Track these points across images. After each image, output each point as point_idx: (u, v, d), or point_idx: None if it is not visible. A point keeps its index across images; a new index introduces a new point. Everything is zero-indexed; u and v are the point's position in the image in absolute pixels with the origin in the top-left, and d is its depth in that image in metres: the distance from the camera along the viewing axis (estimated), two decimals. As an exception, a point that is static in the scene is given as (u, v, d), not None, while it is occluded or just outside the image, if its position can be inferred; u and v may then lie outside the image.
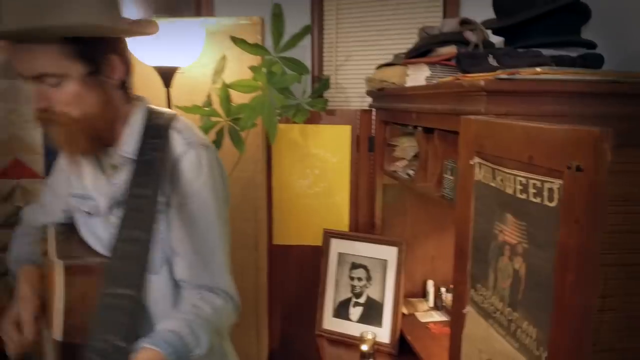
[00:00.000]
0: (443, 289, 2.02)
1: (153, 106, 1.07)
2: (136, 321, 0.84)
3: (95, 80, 0.93)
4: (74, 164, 1.06)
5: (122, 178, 1.01)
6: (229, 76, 1.90)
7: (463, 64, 1.26)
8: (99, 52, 0.93)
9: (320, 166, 2.09)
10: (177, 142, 1.00)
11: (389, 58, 2.21)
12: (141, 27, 1.00)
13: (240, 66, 1.94)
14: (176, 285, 1.04)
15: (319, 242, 2.04)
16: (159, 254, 1.01)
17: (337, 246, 2.01)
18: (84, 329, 0.85)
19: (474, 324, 0.95)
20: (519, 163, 0.76)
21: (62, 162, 1.15)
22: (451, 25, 1.42)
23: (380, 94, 1.77)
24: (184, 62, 1.77)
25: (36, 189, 1.98)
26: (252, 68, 1.69)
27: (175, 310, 0.98)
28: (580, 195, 0.64)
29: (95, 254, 1.03)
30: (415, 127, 1.55)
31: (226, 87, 1.69)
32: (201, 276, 1.01)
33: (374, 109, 1.98)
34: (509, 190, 0.79)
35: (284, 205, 2.16)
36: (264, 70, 1.68)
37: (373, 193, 2.00)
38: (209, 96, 1.92)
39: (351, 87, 2.46)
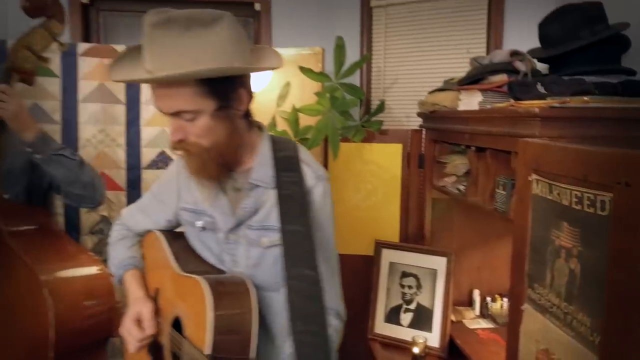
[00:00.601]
0: (489, 299, 2.14)
1: (271, 133, 1.18)
2: (330, 355, 0.91)
3: (225, 113, 1.02)
4: (200, 185, 1.14)
5: (248, 203, 1.11)
6: (291, 100, 2.11)
7: (514, 91, 1.41)
8: (229, 88, 1.01)
9: (373, 181, 2.27)
10: (308, 175, 1.10)
11: (433, 82, 2.38)
12: (268, 63, 1.06)
13: (301, 91, 2.15)
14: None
15: (370, 252, 2.20)
16: (281, 273, 1.09)
17: (388, 256, 2.16)
18: (232, 345, 0.96)
19: (531, 319, 1.09)
20: (574, 179, 0.91)
21: (172, 176, 1.24)
22: (502, 55, 1.58)
23: (431, 115, 1.93)
24: (255, 88, 1.98)
25: (119, 200, 2.21)
26: (318, 94, 1.89)
27: None
28: (628, 206, 0.79)
29: (213, 267, 1.15)
30: (467, 146, 1.70)
31: (296, 111, 1.89)
32: (327, 297, 1.07)
33: (423, 129, 2.14)
34: (565, 202, 0.94)
35: (338, 216, 2.30)
36: (327, 95, 1.88)
37: (422, 206, 2.16)
38: (274, 118, 2.13)
39: (397, 108, 2.64)
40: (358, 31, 2.70)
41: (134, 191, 2.22)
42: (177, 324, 1.11)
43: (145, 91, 2.20)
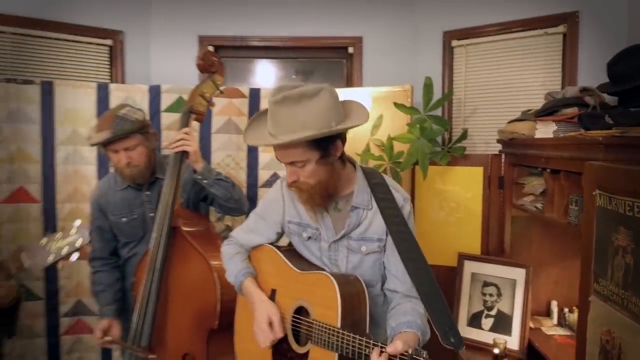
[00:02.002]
0: (566, 309, 2.32)
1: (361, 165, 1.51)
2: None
3: (326, 160, 1.33)
4: (310, 210, 1.44)
5: (351, 221, 1.41)
6: (383, 130, 2.48)
7: (584, 122, 1.68)
8: (330, 142, 1.32)
9: (455, 200, 2.55)
10: (397, 198, 1.42)
11: (509, 112, 2.64)
12: (357, 121, 1.34)
13: (392, 122, 2.51)
14: (382, 294, 1.45)
15: (453, 263, 2.47)
16: (377, 273, 1.42)
17: (470, 267, 2.43)
18: (354, 321, 1.26)
19: (596, 307, 1.34)
20: (627, 192, 1.18)
21: (277, 197, 1.53)
22: (573, 91, 1.85)
23: (510, 142, 2.21)
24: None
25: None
26: (410, 125, 2.25)
27: (403, 310, 1.35)
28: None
29: (319, 268, 1.45)
30: (543, 168, 1.96)
31: (391, 139, 2.26)
32: (410, 288, 1.37)
33: (502, 154, 2.41)
34: (621, 211, 1.21)
35: (423, 231, 2.63)
36: (417, 126, 2.23)
37: (502, 223, 2.41)
38: (368, 145, 2.51)
39: (476, 135, 2.91)
40: (440, 67, 3.03)
41: (251, 205, 2.67)
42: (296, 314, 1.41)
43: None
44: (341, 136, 1.37)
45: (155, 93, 2.59)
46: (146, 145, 1.98)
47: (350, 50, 3.19)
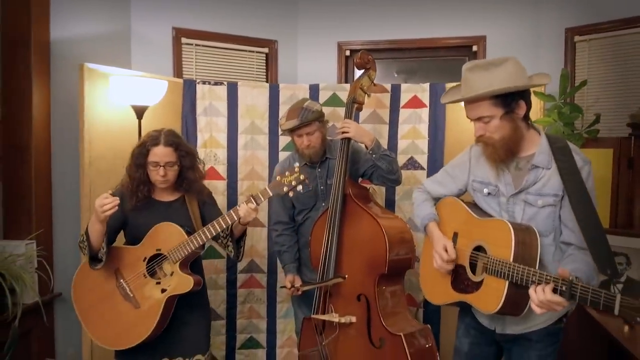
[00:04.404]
0: (697, 280, 2.48)
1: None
2: None
3: (509, 117, 1.52)
4: (491, 164, 1.64)
5: (530, 178, 1.57)
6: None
7: None
8: (513, 100, 1.50)
9: (584, 179, 2.80)
10: (578, 160, 1.54)
11: (634, 100, 2.81)
12: (535, 82, 1.56)
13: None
14: (553, 245, 1.59)
15: (581, 236, 2.71)
16: (550, 225, 1.57)
17: (599, 239, 2.66)
18: (525, 258, 1.47)
19: None
20: None
21: (465, 159, 1.78)
22: None
23: (642, 125, 2.44)
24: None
25: (380, 190, 3.09)
26: (548, 110, 2.56)
27: (572, 259, 1.49)
28: None
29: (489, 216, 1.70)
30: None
31: (532, 122, 2.59)
32: (582, 241, 1.46)
33: (632, 137, 2.62)
34: None
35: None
36: (556, 111, 2.54)
37: (631, 199, 2.62)
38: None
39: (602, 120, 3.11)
40: (561, 62, 3.26)
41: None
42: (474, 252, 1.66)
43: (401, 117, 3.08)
44: (524, 97, 1.54)
45: (314, 90, 3.10)
46: (322, 131, 2.47)
47: (475, 48, 3.52)
